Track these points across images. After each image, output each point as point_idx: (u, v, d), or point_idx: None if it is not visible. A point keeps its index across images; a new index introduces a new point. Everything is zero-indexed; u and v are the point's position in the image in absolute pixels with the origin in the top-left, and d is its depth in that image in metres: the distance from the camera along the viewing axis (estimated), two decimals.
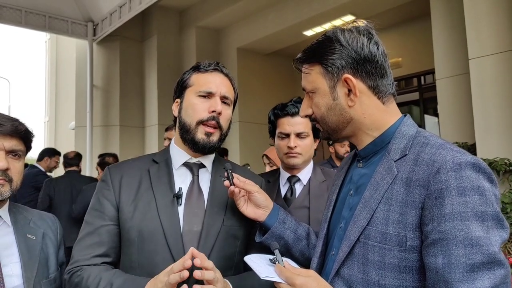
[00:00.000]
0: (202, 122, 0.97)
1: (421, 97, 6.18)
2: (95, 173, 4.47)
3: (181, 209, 0.96)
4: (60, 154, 4.28)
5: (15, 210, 1.03)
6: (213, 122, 0.97)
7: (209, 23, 6.36)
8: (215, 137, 0.99)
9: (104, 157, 3.73)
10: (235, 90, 1.06)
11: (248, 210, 0.99)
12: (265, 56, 6.79)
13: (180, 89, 1.04)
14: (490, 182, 0.66)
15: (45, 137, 11.96)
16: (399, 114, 0.81)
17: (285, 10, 5.60)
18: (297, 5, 5.43)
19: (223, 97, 1.00)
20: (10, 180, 0.95)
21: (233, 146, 5.64)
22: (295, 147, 1.34)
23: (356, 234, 0.73)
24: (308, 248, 1.05)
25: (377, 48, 0.77)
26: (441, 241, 0.63)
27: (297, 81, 0.86)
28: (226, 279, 0.87)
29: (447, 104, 3.91)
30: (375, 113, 0.78)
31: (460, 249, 0.62)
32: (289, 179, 1.42)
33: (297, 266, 0.80)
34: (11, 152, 0.96)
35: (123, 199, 0.96)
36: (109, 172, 1.00)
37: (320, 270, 0.85)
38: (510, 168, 2.96)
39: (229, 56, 6.45)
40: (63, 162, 3.89)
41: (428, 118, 6.26)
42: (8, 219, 0.99)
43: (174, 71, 6.19)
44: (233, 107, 1.06)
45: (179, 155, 1.03)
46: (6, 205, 1.01)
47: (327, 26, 5.53)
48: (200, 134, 0.97)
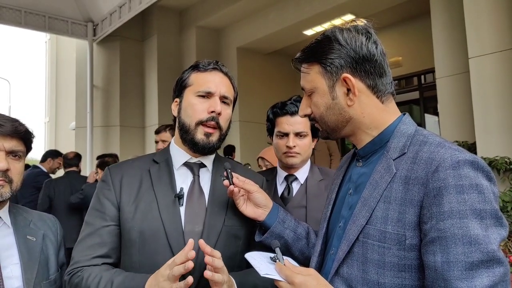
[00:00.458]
0: (201, 123, 0.97)
1: (421, 96, 6.18)
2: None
3: (182, 209, 0.95)
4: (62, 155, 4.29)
5: (15, 211, 1.03)
6: (213, 122, 0.97)
7: (209, 22, 6.36)
8: (214, 138, 0.98)
9: (104, 158, 3.73)
10: (234, 89, 1.05)
11: (247, 209, 0.99)
12: (265, 56, 6.78)
13: (179, 89, 1.03)
14: (488, 180, 0.66)
15: (46, 137, 11.96)
16: (398, 113, 0.81)
17: (285, 9, 5.60)
18: (297, 4, 5.43)
19: (222, 97, 0.99)
20: (10, 181, 0.95)
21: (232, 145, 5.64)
22: (294, 146, 1.33)
23: (356, 233, 0.74)
24: (307, 247, 1.04)
25: (376, 47, 0.77)
26: (440, 239, 0.63)
27: (297, 81, 0.86)
28: (230, 275, 0.86)
29: (447, 103, 3.91)
30: (374, 112, 0.78)
31: (459, 247, 0.62)
32: (286, 178, 1.41)
33: (297, 265, 0.80)
34: (11, 153, 0.95)
35: (124, 199, 0.95)
36: (110, 172, 1.00)
37: (320, 269, 0.85)
38: (511, 166, 2.96)
39: (229, 56, 6.45)
40: (63, 163, 3.89)
41: (428, 117, 6.25)
42: (8, 220, 0.99)
43: (174, 71, 6.20)
44: (233, 106, 1.06)
45: (179, 155, 1.02)
46: (6, 206, 1.00)
47: (327, 25, 5.52)
48: (199, 134, 0.97)
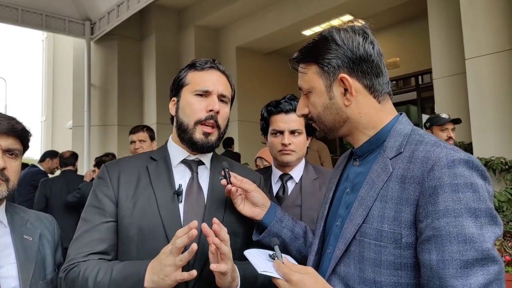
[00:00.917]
0: (200, 122, 0.97)
1: (418, 97, 6.21)
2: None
3: (181, 206, 0.95)
4: None
5: (12, 211, 1.02)
6: (211, 121, 0.97)
7: (208, 22, 6.35)
8: (213, 137, 0.98)
9: (102, 157, 3.71)
10: (232, 87, 1.05)
11: (245, 208, 0.99)
12: (264, 55, 6.79)
13: (177, 88, 1.02)
14: (483, 179, 0.66)
15: (42, 136, 11.89)
16: (395, 113, 0.81)
17: (284, 9, 5.60)
18: (296, 5, 5.44)
19: (220, 95, 0.99)
20: (6, 180, 0.94)
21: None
22: (289, 144, 1.33)
23: (352, 232, 0.74)
24: (305, 246, 1.05)
25: (373, 48, 0.78)
26: (435, 237, 0.64)
27: (295, 80, 0.86)
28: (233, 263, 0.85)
29: (444, 104, 3.93)
30: (371, 112, 0.79)
31: (454, 245, 0.62)
32: (281, 177, 1.41)
33: (296, 263, 0.80)
34: (7, 151, 0.95)
35: (121, 195, 0.95)
36: (107, 169, 0.99)
37: (317, 268, 0.85)
38: (506, 167, 2.98)
39: (228, 55, 6.44)
40: (59, 162, 3.87)
41: (425, 117, 6.27)
42: (4, 220, 0.98)
43: (173, 70, 6.15)
44: (231, 105, 1.06)
45: (177, 152, 1.02)
46: (3, 205, 1.00)
47: (326, 26, 5.53)
48: (198, 134, 0.97)
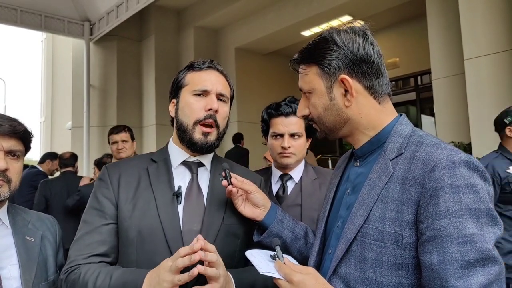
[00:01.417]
0: (199, 122, 0.97)
1: (418, 97, 6.23)
2: (91, 174, 4.45)
3: (180, 208, 0.95)
4: None
5: (14, 212, 1.02)
6: (210, 120, 0.97)
7: (207, 23, 6.36)
8: (212, 137, 0.98)
9: (102, 158, 3.72)
10: (231, 87, 1.06)
11: (246, 209, 0.99)
12: (263, 56, 6.80)
13: (176, 89, 1.03)
14: (483, 180, 0.67)
15: (41, 137, 11.86)
16: (395, 114, 0.82)
17: (284, 10, 5.62)
18: (296, 5, 5.45)
19: (219, 95, 0.99)
20: (8, 181, 0.94)
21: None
22: (289, 147, 1.35)
23: (353, 232, 0.74)
24: (306, 247, 1.05)
25: (373, 49, 0.78)
26: (436, 238, 0.64)
27: (295, 81, 0.87)
28: (227, 271, 0.86)
29: (443, 104, 3.94)
30: (372, 112, 0.79)
31: (454, 246, 0.63)
32: (281, 177, 1.43)
33: (297, 263, 0.80)
34: (9, 153, 0.95)
35: (122, 197, 0.95)
36: (107, 170, 0.99)
37: (318, 268, 0.85)
38: None
39: (227, 56, 6.45)
40: (59, 163, 3.86)
41: (424, 118, 6.30)
42: (6, 221, 0.98)
43: (172, 71, 6.16)
44: (230, 105, 1.06)
45: (177, 154, 1.02)
46: (5, 206, 1.00)
47: (325, 26, 5.55)
48: (197, 134, 0.97)
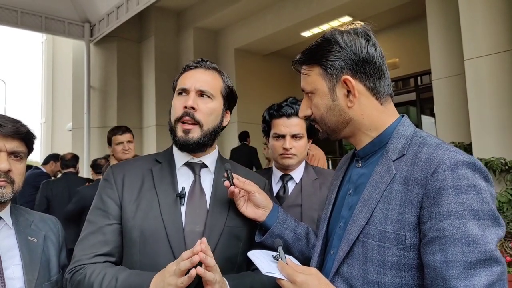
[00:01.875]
0: (179, 120, 0.97)
1: (418, 98, 6.23)
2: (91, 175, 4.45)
3: (183, 209, 0.95)
4: None
5: (17, 212, 1.03)
6: (187, 117, 0.96)
7: (207, 24, 6.36)
8: (194, 134, 0.96)
9: (97, 160, 3.77)
10: (224, 83, 1.03)
11: (247, 210, 0.99)
12: (263, 57, 6.80)
13: (173, 93, 1.05)
14: (486, 181, 0.67)
15: (42, 138, 11.87)
16: (397, 115, 0.82)
17: (283, 11, 5.62)
18: (295, 6, 5.46)
19: (198, 91, 0.97)
20: (11, 182, 0.95)
21: (232, 146, 5.65)
22: (290, 148, 1.35)
23: (356, 233, 0.74)
24: (307, 248, 1.05)
25: (375, 50, 0.78)
26: (439, 239, 0.65)
27: (295, 82, 0.87)
28: (224, 277, 0.86)
29: (444, 105, 3.94)
30: (374, 113, 0.79)
31: (457, 246, 0.63)
32: (281, 177, 1.44)
33: (299, 264, 0.80)
34: (12, 154, 0.95)
35: (125, 198, 0.96)
36: (112, 171, 1.00)
37: (320, 269, 0.85)
38: (506, 167, 2.99)
39: (227, 57, 6.46)
40: (60, 164, 3.88)
41: (425, 118, 6.30)
42: (9, 221, 0.99)
43: (172, 72, 6.19)
44: (229, 101, 1.04)
45: (180, 155, 1.03)
46: (8, 207, 1.00)
47: (325, 27, 5.56)
48: (179, 132, 0.97)
